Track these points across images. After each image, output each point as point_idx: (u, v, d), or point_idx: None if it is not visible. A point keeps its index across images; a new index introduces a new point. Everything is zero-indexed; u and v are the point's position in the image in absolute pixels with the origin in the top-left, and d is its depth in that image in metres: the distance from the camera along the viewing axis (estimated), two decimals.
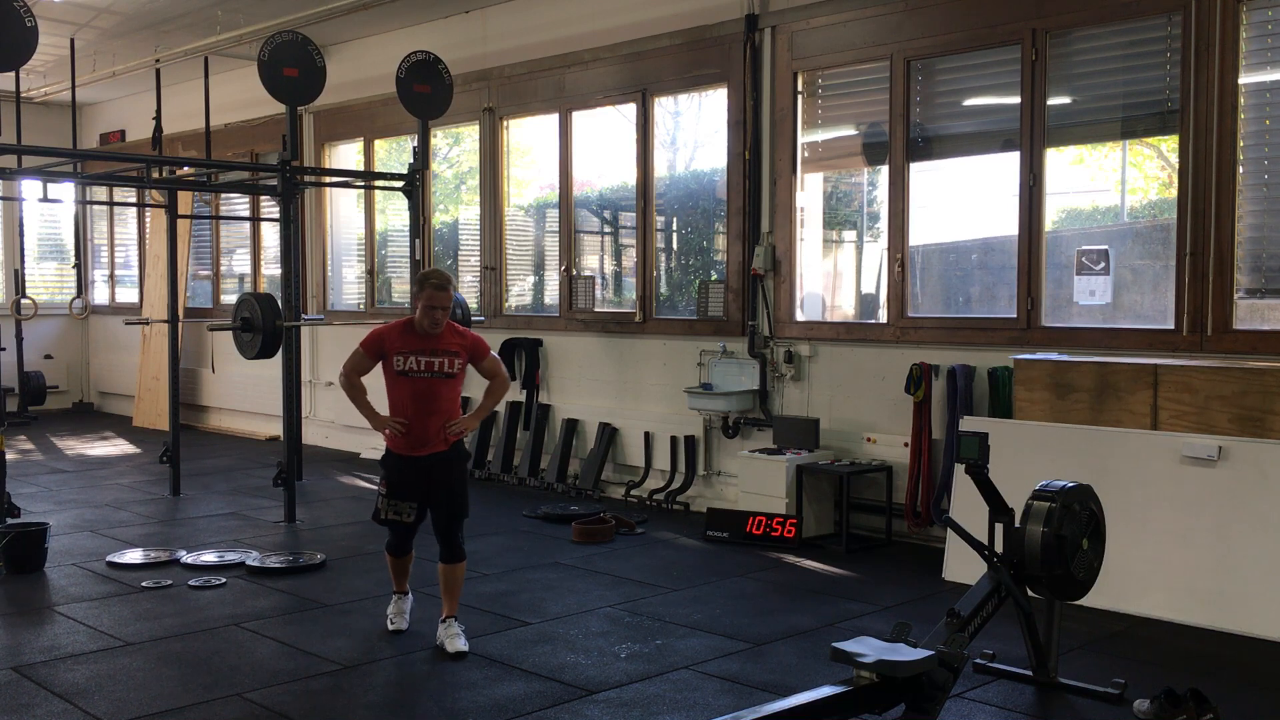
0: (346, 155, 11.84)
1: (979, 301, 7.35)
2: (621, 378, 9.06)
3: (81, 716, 4.40)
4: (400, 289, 11.40)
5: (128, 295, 14.92)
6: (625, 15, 8.92)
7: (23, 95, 8.28)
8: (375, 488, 5.26)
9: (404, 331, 5.19)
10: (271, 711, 4.45)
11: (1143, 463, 5.82)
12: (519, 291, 10.29)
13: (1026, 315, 6.88)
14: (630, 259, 9.35)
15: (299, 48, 8.52)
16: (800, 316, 8.03)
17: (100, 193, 12.57)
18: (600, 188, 9.74)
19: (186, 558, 6.84)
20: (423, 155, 8.99)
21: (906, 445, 7.24)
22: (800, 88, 7.98)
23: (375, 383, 5.25)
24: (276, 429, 10.83)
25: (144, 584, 6.31)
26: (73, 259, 13.42)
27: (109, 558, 6.83)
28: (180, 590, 6.23)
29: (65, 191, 11.44)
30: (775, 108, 8.04)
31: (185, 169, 10.22)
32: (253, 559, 6.79)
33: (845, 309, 8.22)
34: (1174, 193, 6.40)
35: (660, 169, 9.00)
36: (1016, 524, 4.54)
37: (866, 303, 8.04)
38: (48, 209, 13.92)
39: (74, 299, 12.28)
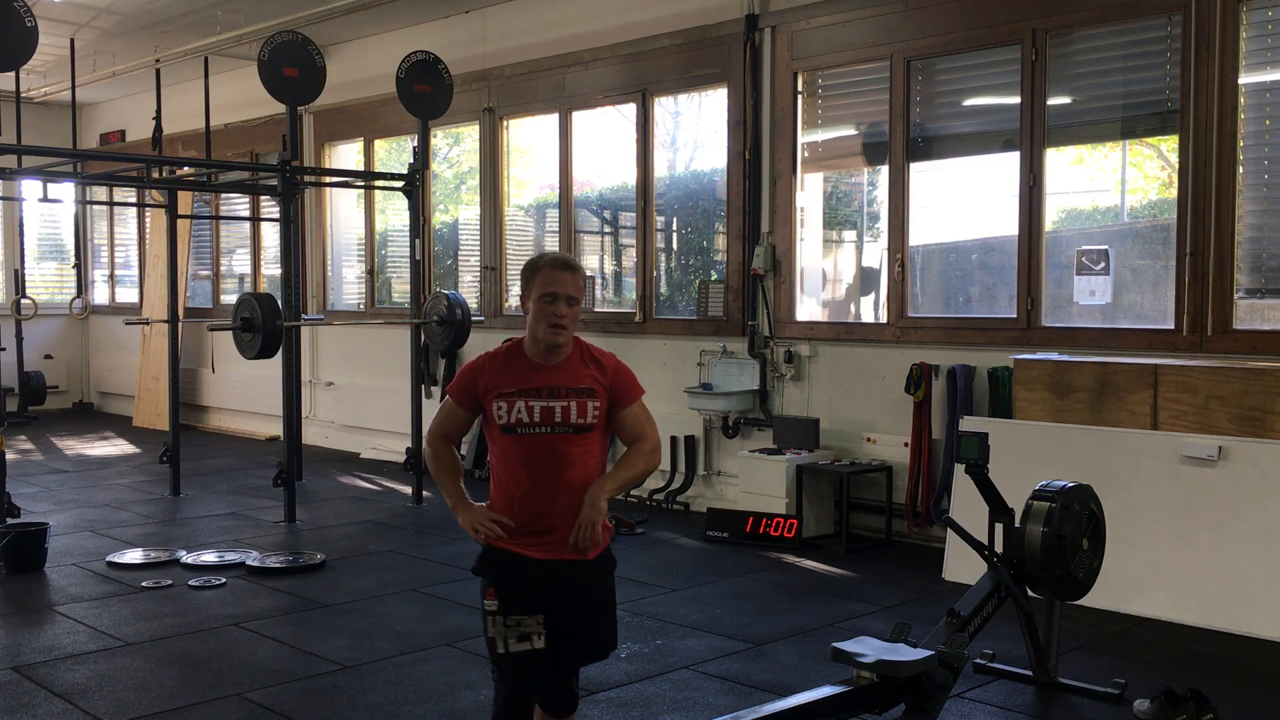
0: (346, 155, 11.84)
1: (979, 301, 7.35)
2: None
3: (81, 716, 4.40)
4: (400, 289, 11.40)
5: (128, 295, 14.92)
6: (625, 15, 8.92)
7: (23, 95, 8.27)
8: (481, 604, 3.34)
9: (507, 362, 3.35)
10: (271, 711, 4.45)
11: (1143, 463, 5.82)
12: (519, 291, 10.28)
13: (1026, 315, 6.88)
14: (630, 259, 9.35)
15: (299, 48, 8.52)
16: (800, 316, 8.03)
17: (100, 193, 12.57)
18: (600, 188, 9.74)
19: (186, 558, 6.84)
20: (423, 155, 8.99)
21: (906, 445, 7.24)
22: (800, 88, 7.98)
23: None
24: (276, 429, 10.83)
25: (144, 584, 6.31)
26: (73, 259, 13.42)
27: (109, 558, 6.84)
28: (180, 590, 6.23)
29: (65, 191, 11.44)
30: (775, 108, 8.04)
31: (185, 169, 10.22)
32: (253, 559, 6.79)
33: (845, 309, 8.22)
34: (1174, 193, 6.40)
35: (660, 169, 9.00)
36: (1016, 524, 4.54)
37: (866, 287, 8.04)
38: (48, 209, 13.91)
39: (74, 299, 12.29)
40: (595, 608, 3.35)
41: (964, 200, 7.57)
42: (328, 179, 10.99)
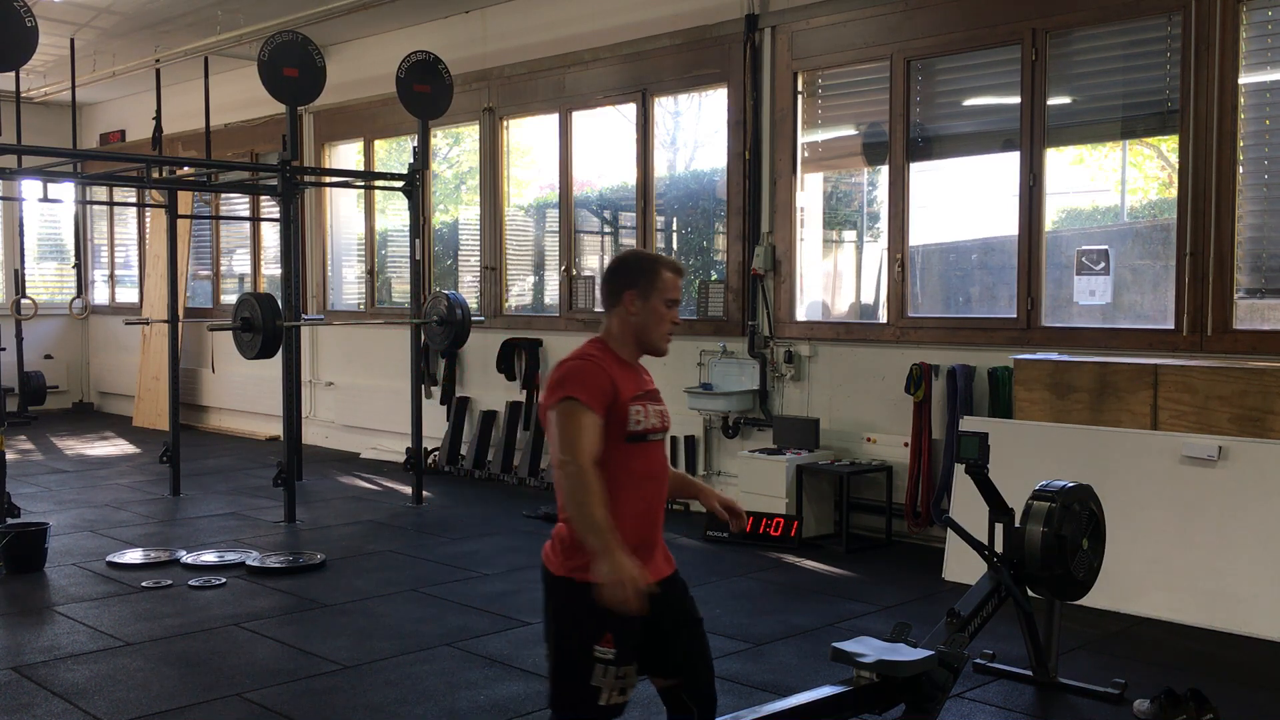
0: (346, 155, 11.84)
1: (979, 301, 7.35)
2: None
3: (81, 716, 4.40)
4: (400, 289, 11.40)
5: (128, 295, 14.92)
6: (625, 15, 8.92)
7: (23, 95, 8.27)
8: (590, 648, 2.95)
9: (613, 361, 3.05)
10: (271, 711, 4.45)
11: (1143, 463, 5.82)
12: (519, 291, 10.29)
13: (1026, 315, 6.88)
14: None
15: (299, 48, 8.52)
16: (800, 316, 8.03)
17: (100, 193, 12.57)
18: (600, 188, 9.74)
19: (186, 558, 6.84)
20: (423, 155, 8.99)
21: (906, 445, 7.24)
22: (800, 88, 7.98)
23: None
24: (276, 429, 10.84)
25: (144, 584, 6.31)
26: (73, 259, 13.42)
27: (109, 558, 6.83)
28: (180, 590, 6.23)
29: (65, 191, 11.44)
30: (775, 108, 8.04)
31: (185, 169, 10.22)
32: (253, 559, 6.79)
33: (845, 309, 8.21)
34: (1174, 193, 6.40)
35: (660, 169, 9.00)
36: (1016, 524, 4.54)
37: (866, 303, 8.04)
38: (48, 209, 13.92)
39: (74, 299, 12.29)
40: (701, 621, 3.18)
41: (964, 200, 7.57)
42: (328, 179, 10.99)
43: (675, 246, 9.19)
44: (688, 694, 3.12)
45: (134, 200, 12.81)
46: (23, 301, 9.35)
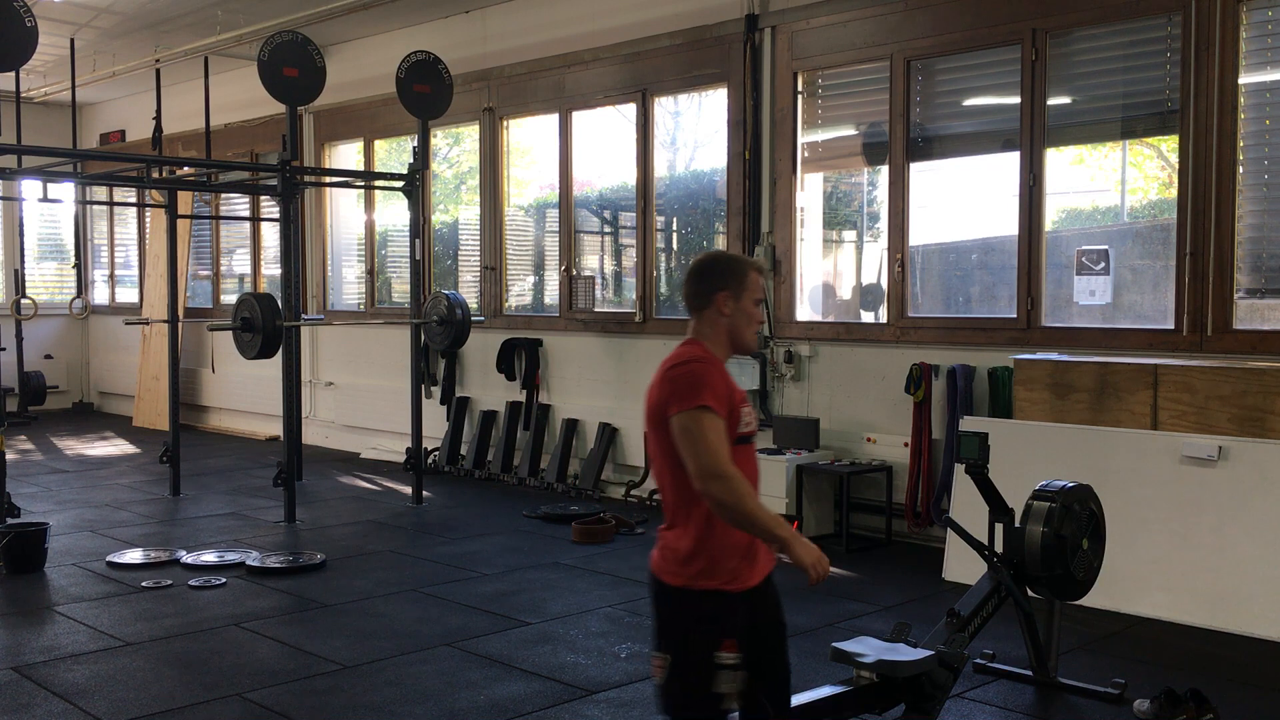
0: (346, 155, 11.84)
1: (979, 301, 7.35)
2: (621, 378, 9.06)
3: (81, 716, 4.40)
4: (400, 289, 11.40)
5: (128, 295, 14.92)
6: (625, 15, 8.92)
7: (23, 95, 8.28)
8: (712, 656, 2.89)
9: (722, 367, 3.09)
10: (271, 711, 4.45)
11: (1143, 463, 5.82)
12: (519, 291, 10.29)
13: (1026, 315, 6.88)
14: (630, 259, 9.35)
15: (299, 48, 8.52)
16: (800, 316, 8.03)
17: (100, 193, 12.58)
18: (600, 188, 9.74)
19: (186, 558, 6.84)
20: (423, 155, 8.99)
21: (906, 445, 7.24)
22: (800, 88, 7.98)
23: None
24: (276, 429, 10.84)
25: (144, 584, 6.31)
26: (73, 259, 13.43)
27: (109, 558, 6.84)
28: (180, 590, 6.23)
29: (65, 191, 11.44)
30: (775, 108, 8.04)
31: (185, 169, 10.22)
32: (253, 559, 6.79)
33: (845, 309, 8.21)
34: (1174, 193, 6.41)
35: (660, 169, 9.00)
36: (1016, 524, 4.54)
37: (866, 302, 8.03)
38: (48, 209, 13.92)
39: (74, 299, 12.30)
40: (785, 623, 3.17)
41: (964, 200, 7.57)
42: (328, 179, 10.99)
43: (675, 246, 9.19)
44: (765, 694, 3.11)
45: (134, 200, 12.81)
46: (23, 301, 9.36)
